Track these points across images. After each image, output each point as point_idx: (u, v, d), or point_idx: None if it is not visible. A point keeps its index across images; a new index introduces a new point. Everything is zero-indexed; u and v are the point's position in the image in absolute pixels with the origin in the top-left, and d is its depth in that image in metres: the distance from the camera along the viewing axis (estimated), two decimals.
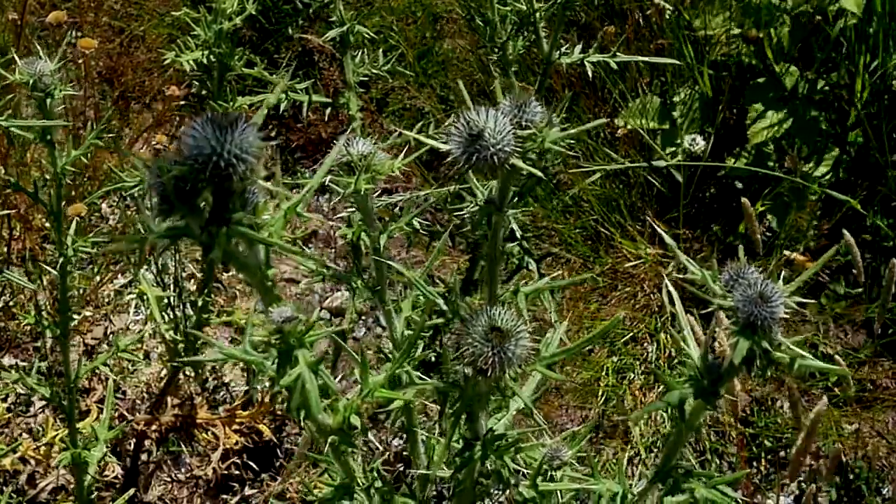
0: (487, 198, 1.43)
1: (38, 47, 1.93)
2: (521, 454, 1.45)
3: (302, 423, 1.28)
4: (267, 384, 1.12)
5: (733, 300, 1.22)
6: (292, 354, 1.20)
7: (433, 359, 1.72)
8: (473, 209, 1.43)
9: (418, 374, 1.35)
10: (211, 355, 1.32)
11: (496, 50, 2.17)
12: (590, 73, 2.12)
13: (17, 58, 1.84)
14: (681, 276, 1.32)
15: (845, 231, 1.93)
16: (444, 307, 1.39)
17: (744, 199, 2.26)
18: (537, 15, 2.07)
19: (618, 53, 2.12)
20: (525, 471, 1.46)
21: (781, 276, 1.24)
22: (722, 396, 1.31)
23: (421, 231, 1.76)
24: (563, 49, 2.14)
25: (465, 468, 1.42)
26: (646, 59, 2.46)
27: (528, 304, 1.56)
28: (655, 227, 1.55)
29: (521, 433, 1.45)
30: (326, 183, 1.56)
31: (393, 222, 1.69)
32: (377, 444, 2.91)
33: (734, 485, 1.43)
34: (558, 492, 1.51)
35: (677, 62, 3.36)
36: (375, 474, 1.48)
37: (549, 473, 1.51)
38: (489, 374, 1.23)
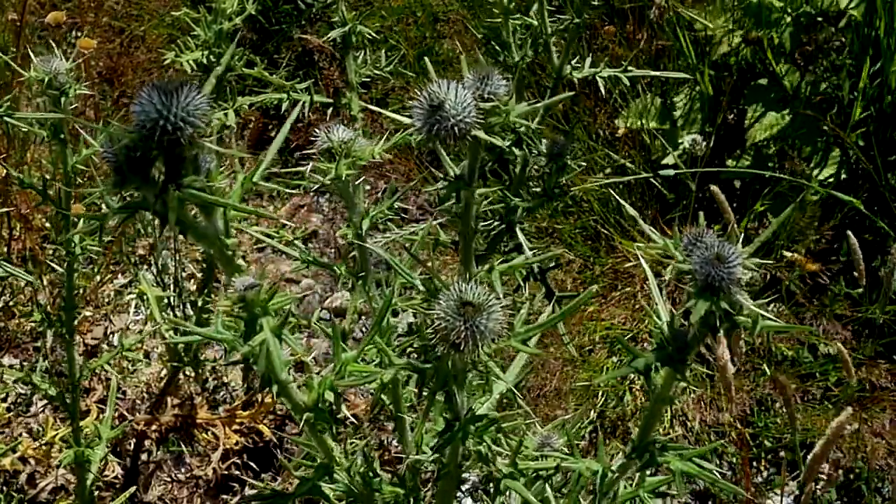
0: (458, 174, 1.42)
1: (40, 49, 1.94)
2: (504, 438, 1.44)
3: (276, 398, 1.28)
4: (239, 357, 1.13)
5: (691, 263, 1.22)
6: (257, 322, 1.20)
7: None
8: (443, 185, 1.43)
9: (395, 354, 1.34)
10: (182, 338, 1.31)
11: (509, 69, 2.16)
12: (602, 90, 2.12)
13: (32, 55, 1.86)
14: (643, 244, 1.31)
15: (849, 233, 1.93)
16: (422, 287, 1.37)
17: (713, 187, 2.25)
18: (548, 31, 2.07)
19: (630, 68, 2.12)
20: (507, 453, 1.45)
21: (741, 239, 1.24)
22: (690, 365, 1.30)
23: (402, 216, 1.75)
24: (573, 62, 2.15)
25: (447, 449, 1.41)
26: (657, 73, 2.44)
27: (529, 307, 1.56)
28: (622, 203, 1.54)
29: (505, 416, 1.43)
30: (308, 173, 1.56)
31: (375, 206, 1.68)
32: (376, 441, 2.91)
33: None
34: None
35: (688, 76, 3.36)
36: (359, 457, 1.48)
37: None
38: (462, 348, 1.21)
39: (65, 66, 1.85)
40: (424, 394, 1.31)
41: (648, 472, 1.42)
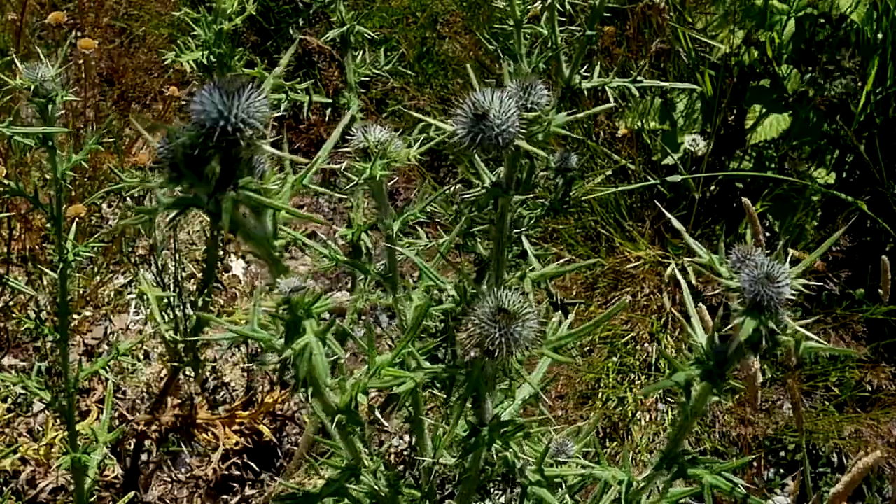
0: (494, 181, 1.42)
1: (39, 50, 1.92)
2: (527, 444, 1.44)
3: (308, 397, 1.28)
4: (275, 359, 1.12)
5: (740, 280, 1.23)
6: (300, 325, 1.20)
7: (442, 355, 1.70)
8: (480, 192, 1.43)
9: (425, 360, 1.34)
10: (218, 335, 1.32)
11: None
12: (611, 99, 2.12)
13: (18, 62, 1.84)
14: (689, 259, 1.32)
15: (884, 258, 1.92)
16: (453, 292, 1.38)
17: (745, 200, 2.26)
18: (558, 41, 2.08)
19: (639, 78, 2.12)
20: (530, 460, 1.46)
21: (788, 259, 1.25)
22: (729, 381, 1.31)
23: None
24: (581, 71, 2.15)
25: (471, 454, 1.41)
26: (666, 84, 2.43)
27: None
28: (663, 212, 1.53)
29: (528, 421, 1.44)
30: (340, 170, 1.56)
31: (407, 209, 1.68)
32: (380, 441, 2.91)
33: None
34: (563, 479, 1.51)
35: (697, 87, 3.36)
36: (381, 459, 1.48)
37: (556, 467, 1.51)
38: (496, 355, 1.22)
39: (51, 72, 1.81)
40: (452, 398, 1.32)
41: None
